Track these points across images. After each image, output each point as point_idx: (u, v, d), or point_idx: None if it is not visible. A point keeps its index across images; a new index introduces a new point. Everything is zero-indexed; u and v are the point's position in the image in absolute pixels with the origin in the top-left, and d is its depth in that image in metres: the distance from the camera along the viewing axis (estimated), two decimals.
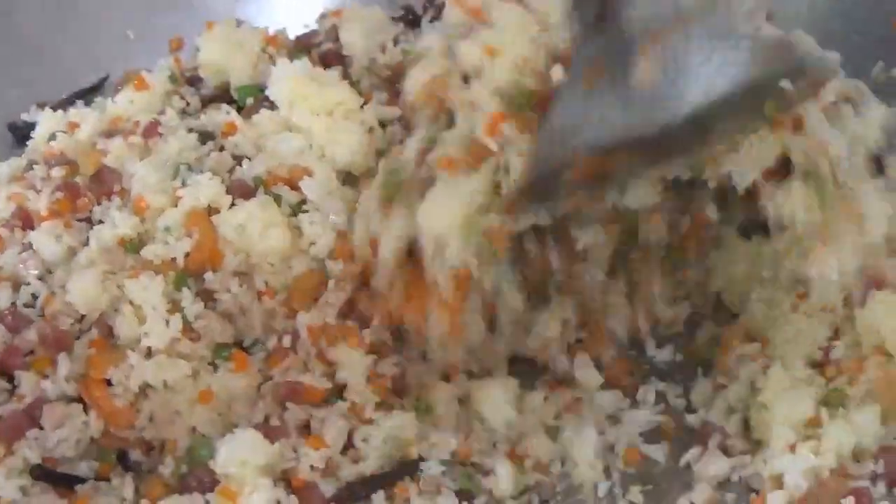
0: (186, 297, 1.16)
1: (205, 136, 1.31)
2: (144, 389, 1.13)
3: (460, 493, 1.11)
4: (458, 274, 1.10)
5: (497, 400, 1.16)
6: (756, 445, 1.12)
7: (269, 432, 1.10)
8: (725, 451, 1.13)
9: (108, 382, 1.12)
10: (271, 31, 1.48)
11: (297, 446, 1.10)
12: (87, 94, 1.49)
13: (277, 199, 1.23)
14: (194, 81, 1.45)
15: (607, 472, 1.15)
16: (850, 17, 1.45)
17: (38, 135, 1.39)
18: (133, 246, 1.20)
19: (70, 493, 1.09)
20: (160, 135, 1.31)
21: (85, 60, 1.52)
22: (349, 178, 1.28)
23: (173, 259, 1.18)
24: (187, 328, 1.15)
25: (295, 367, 1.15)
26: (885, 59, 1.42)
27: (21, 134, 1.44)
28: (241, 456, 1.07)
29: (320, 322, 1.17)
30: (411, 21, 1.48)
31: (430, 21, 1.46)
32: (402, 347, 1.18)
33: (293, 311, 1.18)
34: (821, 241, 1.10)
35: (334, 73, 1.33)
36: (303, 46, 1.45)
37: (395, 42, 1.42)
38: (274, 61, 1.41)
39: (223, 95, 1.42)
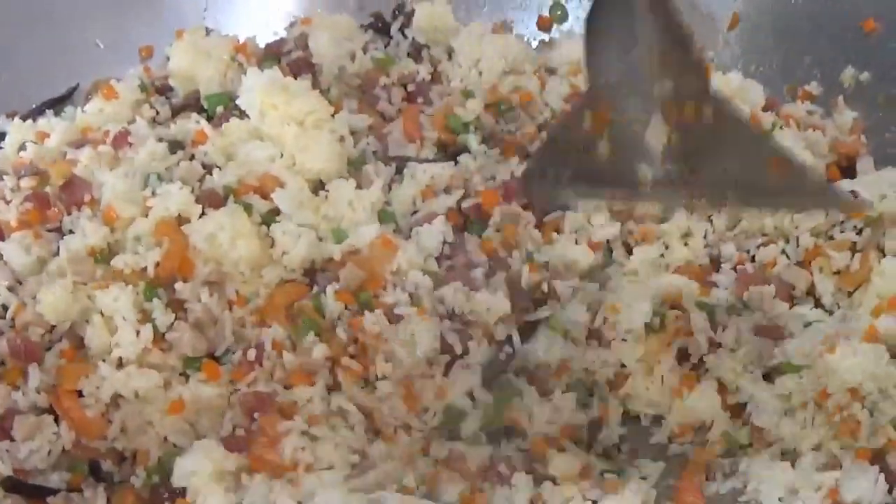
0: (157, 307, 1.15)
1: (175, 146, 1.31)
2: (116, 400, 1.13)
3: None
4: None
5: None
6: None
7: (235, 444, 1.10)
8: None
9: (80, 393, 1.12)
10: (241, 40, 1.49)
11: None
12: (57, 104, 1.49)
13: (248, 208, 1.23)
14: (164, 90, 1.45)
15: None
16: (818, 21, 1.45)
17: (8, 145, 1.38)
18: (103, 256, 1.19)
19: None
20: (130, 144, 1.31)
21: (54, 70, 1.52)
22: (320, 187, 1.29)
23: (143, 269, 1.17)
24: (158, 338, 1.15)
25: (262, 378, 1.15)
26: (854, 63, 1.43)
27: None
28: (193, 467, 1.07)
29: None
30: (380, 29, 1.49)
31: (399, 29, 1.47)
32: None
33: (264, 320, 1.18)
34: None
35: (305, 82, 1.33)
36: (272, 54, 1.45)
37: (365, 50, 1.42)
38: (244, 69, 1.41)
39: (193, 104, 1.42)
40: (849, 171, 1.38)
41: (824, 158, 1.38)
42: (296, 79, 1.37)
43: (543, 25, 1.58)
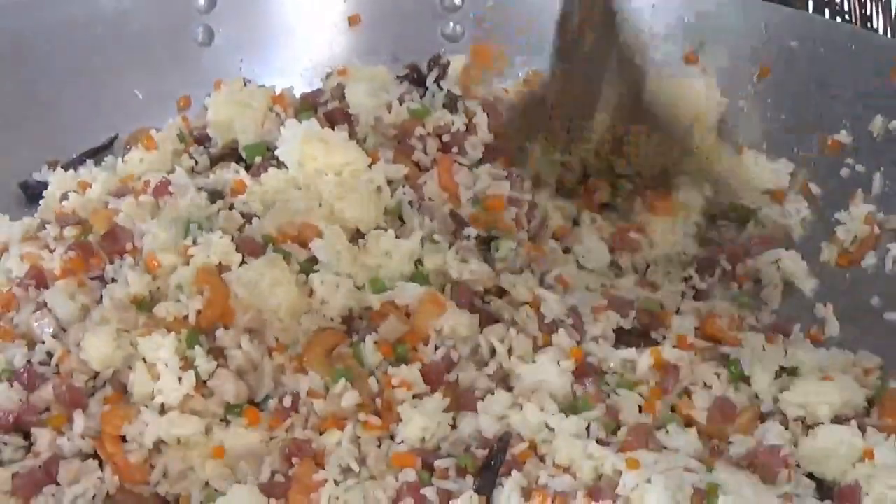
0: (199, 354, 1.17)
1: (214, 195, 1.33)
2: (158, 445, 1.14)
3: None
4: None
5: None
6: None
7: (273, 489, 1.11)
8: None
9: (123, 439, 1.14)
10: (277, 90, 1.52)
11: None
12: (98, 153, 1.52)
13: (287, 256, 1.25)
14: (203, 140, 1.48)
15: None
16: (847, 72, 1.47)
17: (50, 194, 1.41)
18: (145, 304, 1.22)
19: None
20: (170, 193, 1.33)
21: (95, 119, 1.55)
22: (357, 236, 1.31)
23: (185, 316, 1.19)
24: (200, 385, 1.16)
25: (298, 425, 1.16)
26: (883, 113, 1.44)
27: (32, 193, 1.46)
28: None
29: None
30: (416, 80, 1.51)
31: (435, 81, 1.49)
32: None
33: (303, 367, 1.20)
34: None
35: (342, 133, 1.35)
36: (309, 105, 1.48)
37: (401, 101, 1.44)
38: (281, 120, 1.44)
39: (231, 154, 1.45)
40: None
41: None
42: (332, 129, 1.40)
43: None
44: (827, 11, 2.32)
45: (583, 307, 1.24)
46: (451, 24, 1.63)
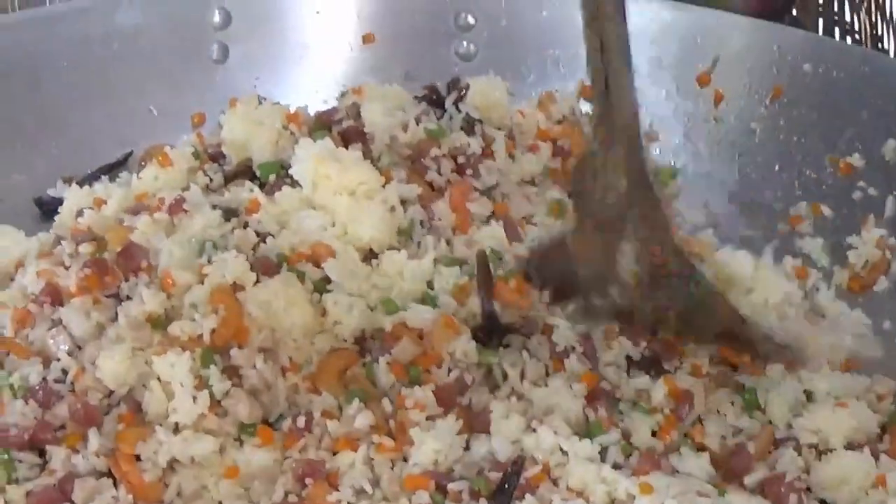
0: (213, 373, 1.17)
1: (229, 213, 1.34)
2: (172, 464, 1.14)
3: None
4: None
5: None
6: None
7: None
8: None
9: (137, 457, 1.14)
10: (292, 108, 1.52)
11: None
12: (112, 170, 1.53)
13: (301, 275, 1.26)
14: (217, 157, 1.49)
15: None
16: (860, 95, 1.47)
17: (66, 210, 1.42)
18: (160, 322, 1.22)
19: None
20: (185, 211, 1.34)
21: (110, 135, 1.56)
22: (370, 256, 1.32)
23: (200, 335, 1.20)
24: (214, 404, 1.17)
25: (312, 445, 1.17)
26: None
27: (47, 209, 1.47)
28: None
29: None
30: (434, 101, 1.51)
31: (454, 103, 1.50)
32: None
33: (316, 387, 1.21)
34: None
35: (356, 152, 1.36)
36: (323, 123, 1.48)
37: (417, 121, 1.45)
38: (295, 138, 1.45)
39: (246, 171, 1.45)
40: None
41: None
42: (347, 147, 1.40)
43: (587, 95, 1.61)
44: (837, 31, 2.34)
45: (594, 333, 1.24)
46: (465, 42, 1.64)
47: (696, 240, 1.45)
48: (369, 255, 1.32)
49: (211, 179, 1.45)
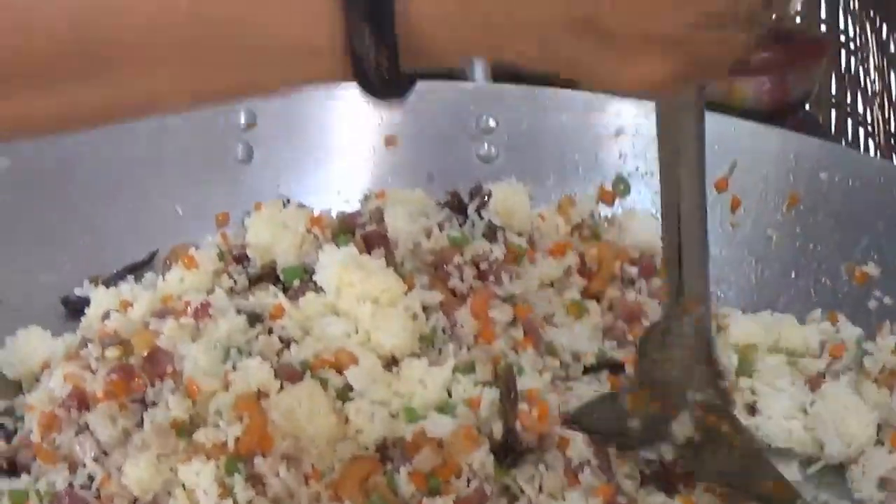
0: (238, 481, 1.19)
1: (253, 318, 1.36)
2: None
3: None
4: None
5: None
6: None
7: None
8: None
9: None
10: (316, 211, 1.55)
11: None
12: (137, 269, 1.55)
13: (324, 382, 1.28)
14: (241, 259, 1.51)
15: None
16: (875, 203, 1.50)
17: (92, 312, 1.44)
18: (185, 428, 1.23)
19: None
20: (210, 316, 1.36)
21: (135, 234, 1.58)
22: (392, 363, 1.33)
23: (224, 443, 1.21)
24: None
25: None
26: None
27: (73, 308, 1.49)
28: None
29: None
30: (457, 207, 1.54)
31: (476, 210, 1.52)
32: None
33: (338, 495, 1.22)
34: None
35: (380, 260, 1.38)
36: (347, 227, 1.51)
37: (441, 228, 1.47)
38: (319, 242, 1.47)
39: (270, 274, 1.47)
40: None
41: None
42: (370, 252, 1.43)
43: (606, 199, 1.64)
44: (850, 123, 2.36)
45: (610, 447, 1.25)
46: (486, 145, 1.67)
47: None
48: (391, 362, 1.33)
49: (235, 282, 1.47)
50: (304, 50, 0.75)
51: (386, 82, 0.74)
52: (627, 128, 1.64)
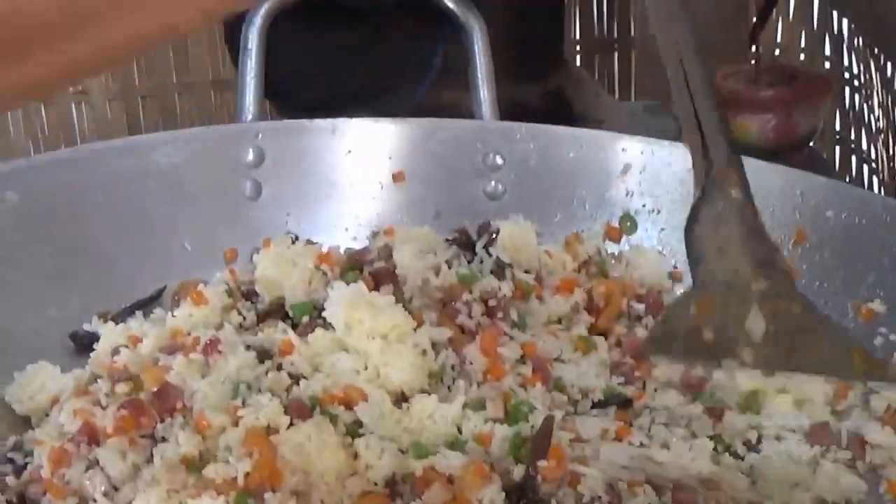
0: None
1: (262, 354, 1.36)
2: None
3: None
4: None
5: None
6: None
7: None
8: None
9: None
10: (324, 247, 1.56)
11: None
12: (146, 305, 1.56)
13: (333, 418, 1.28)
14: (250, 295, 1.51)
15: None
16: (881, 241, 1.49)
17: (101, 348, 1.44)
18: (194, 464, 1.24)
19: None
20: (219, 352, 1.36)
21: (143, 271, 1.59)
22: (402, 399, 1.33)
23: (234, 478, 1.21)
24: None
25: None
26: None
27: (82, 343, 1.49)
28: None
29: None
30: (465, 244, 1.55)
31: (484, 247, 1.53)
32: None
33: None
34: None
35: (389, 297, 1.39)
36: (355, 264, 1.52)
37: (449, 265, 1.48)
38: (328, 279, 1.48)
39: (278, 310, 1.48)
40: None
41: None
42: (378, 288, 1.44)
43: (612, 236, 1.65)
44: (854, 159, 2.37)
45: (619, 484, 1.25)
46: (493, 182, 1.69)
47: None
48: (401, 398, 1.33)
49: (244, 318, 1.48)
50: None
51: None
52: (634, 165, 1.65)
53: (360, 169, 1.68)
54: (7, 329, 1.47)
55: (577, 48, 3.01)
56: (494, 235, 1.53)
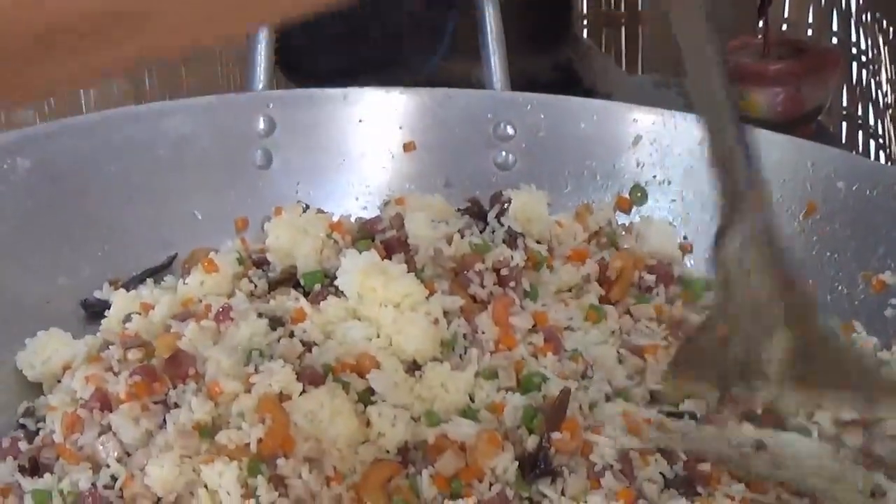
0: (261, 483, 1.19)
1: (275, 322, 1.36)
2: None
3: None
4: None
5: None
6: None
7: None
8: None
9: None
10: (335, 216, 1.56)
11: None
12: (157, 273, 1.56)
13: (346, 386, 1.28)
14: (261, 263, 1.51)
15: None
16: (891, 211, 1.50)
17: (113, 315, 1.44)
18: (207, 430, 1.24)
19: None
20: (231, 319, 1.36)
21: (154, 238, 1.59)
22: (414, 367, 1.34)
23: (247, 444, 1.21)
24: None
25: None
26: None
27: (93, 311, 1.49)
28: None
29: None
30: (476, 214, 1.54)
31: (496, 217, 1.53)
32: None
33: (360, 497, 1.22)
34: None
35: (402, 266, 1.38)
36: (367, 233, 1.51)
37: (462, 234, 1.48)
38: (339, 247, 1.48)
39: (290, 279, 1.48)
40: None
41: None
42: (390, 258, 1.44)
43: (623, 207, 1.64)
44: (861, 134, 2.37)
45: (632, 451, 1.25)
46: (503, 152, 1.68)
47: None
48: (413, 367, 1.33)
49: (255, 286, 1.48)
50: None
51: None
52: (645, 136, 1.65)
53: (370, 138, 1.68)
54: (18, 296, 1.46)
55: (585, 22, 3.00)
56: (506, 205, 1.53)
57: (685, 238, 1.61)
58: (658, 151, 1.64)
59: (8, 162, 1.50)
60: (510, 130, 1.68)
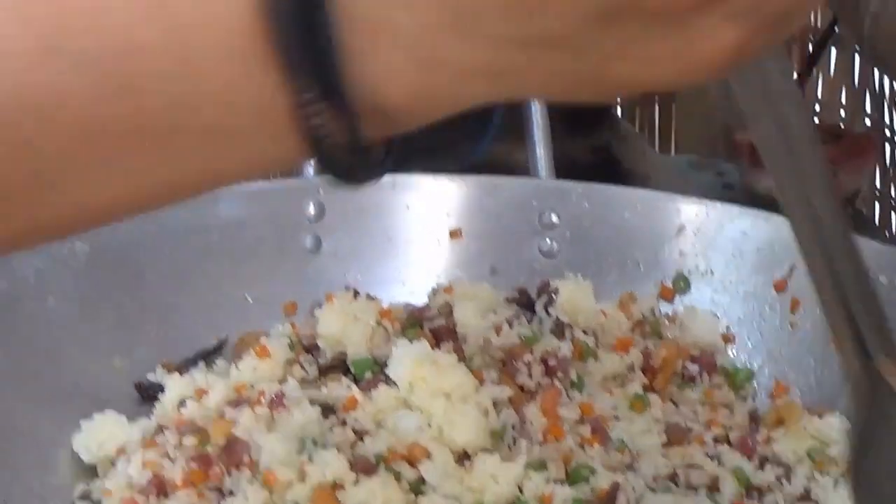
0: None
1: (327, 410, 1.39)
2: None
3: None
4: None
5: None
6: None
7: None
8: None
9: None
10: (384, 303, 1.58)
11: None
12: (208, 356, 1.58)
13: (397, 475, 1.30)
14: (311, 349, 1.54)
15: None
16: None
17: (168, 400, 1.47)
18: None
19: None
20: (285, 406, 1.39)
21: (206, 321, 1.62)
22: (464, 457, 1.36)
23: None
24: None
25: None
26: None
27: (147, 393, 1.52)
28: None
29: None
30: (524, 303, 1.57)
31: (544, 307, 1.55)
32: None
33: None
34: None
35: (452, 356, 1.41)
36: (416, 320, 1.54)
37: (510, 324, 1.50)
38: (389, 334, 1.51)
39: (340, 365, 1.50)
40: None
41: None
42: (439, 346, 1.46)
43: (666, 296, 1.67)
44: (894, 216, 2.39)
45: None
46: (548, 240, 1.71)
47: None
48: (463, 457, 1.36)
49: (307, 372, 1.50)
50: (249, 130, 0.60)
51: (351, 161, 0.60)
52: (688, 226, 1.67)
53: (418, 224, 1.71)
54: (75, 378, 1.49)
55: (618, 100, 3.03)
56: (554, 295, 1.55)
57: (728, 329, 1.62)
58: (701, 242, 1.67)
59: (68, 247, 1.54)
60: (555, 219, 1.71)
